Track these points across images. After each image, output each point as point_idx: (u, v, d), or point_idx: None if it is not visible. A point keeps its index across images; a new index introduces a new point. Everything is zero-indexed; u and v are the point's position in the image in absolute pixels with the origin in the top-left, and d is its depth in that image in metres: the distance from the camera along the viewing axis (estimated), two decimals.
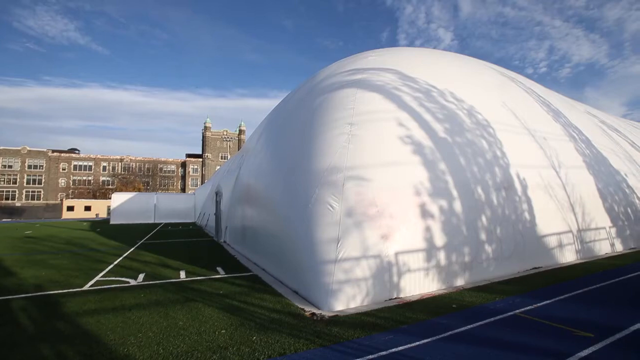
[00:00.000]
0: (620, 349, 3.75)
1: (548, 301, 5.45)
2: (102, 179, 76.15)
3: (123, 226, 26.62)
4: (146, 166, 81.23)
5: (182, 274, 8.12)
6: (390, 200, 5.97)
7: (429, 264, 5.99)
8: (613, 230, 10.33)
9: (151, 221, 31.71)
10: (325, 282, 5.34)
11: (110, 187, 72.59)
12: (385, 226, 5.73)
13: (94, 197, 65.37)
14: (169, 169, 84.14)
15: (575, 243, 9.00)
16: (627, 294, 5.91)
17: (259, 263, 8.89)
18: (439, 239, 6.20)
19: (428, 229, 6.11)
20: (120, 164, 78.79)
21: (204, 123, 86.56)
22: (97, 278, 7.76)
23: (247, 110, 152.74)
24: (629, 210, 11.47)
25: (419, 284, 5.83)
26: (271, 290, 6.48)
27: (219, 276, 7.96)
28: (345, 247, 5.45)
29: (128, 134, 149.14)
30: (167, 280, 7.50)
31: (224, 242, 14.51)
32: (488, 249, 6.96)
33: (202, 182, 74.30)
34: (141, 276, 7.90)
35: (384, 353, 3.70)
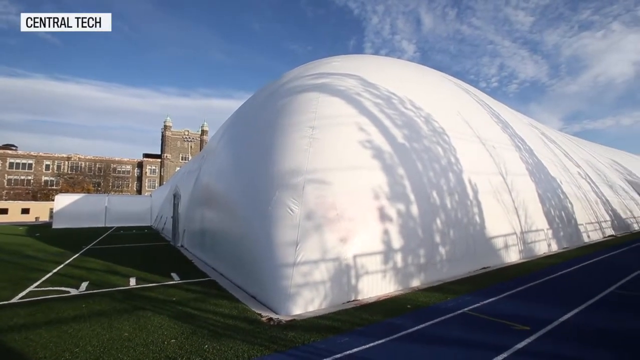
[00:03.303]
0: (551, 338, 4.11)
1: (493, 298, 5.83)
2: (44, 178, 69.36)
3: (68, 231, 24.39)
4: (97, 166, 75.40)
5: (132, 281, 7.59)
6: (349, 204, 6.06)
7: (386, 266, 6.15)
8: (550, 232, 11.36)
9: (101, 225, 29.40)
10: (283, 286, 5.27)
11: (54, 187, 66.25)
12: (344, 229, 5.80)
13: (34, 198, 59.26)
14: (123, 170, 78.82)
15: (519, 244, 9.76)
16: (558, 290, 6.51)
17: (218, 268, 8.58)
18: (396, 242, 6.40)
19: (386, 232, 6.29)
20: (67, 163, 72.34)
21: (164, 122, 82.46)
22: (30, 289, 6.99)
23: (212, 110, 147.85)
24: (563, 213, 12.71)
25: (376, 286, 5.96)
26: (228, 296, 6.27)
27: (173, 282, 7.55)
28: (304, 250, 5.43)
29: (79, 130, 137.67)
30: (115, 289, 6.96)
31: (182, 246, 13.84)
32: (442, 250, 7.31)
33: (161, 184, 70.50)
34: (84, 285, 7.25)
35: (338, 356, 3.71)
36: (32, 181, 68.12)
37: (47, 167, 70.42)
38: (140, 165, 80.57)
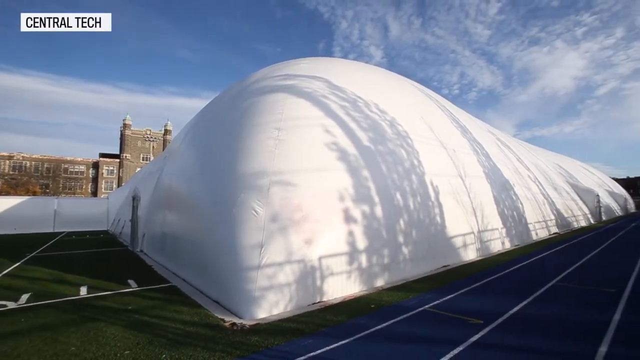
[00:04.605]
0: (501, 330, 4.39)
1: (451, 295, 6.12)
2: None
3: (7, 237, 22.12)
4: (46, 166, 69.22)
5: (83, 290, 7.04)
6: (315, 205, 6.08)
7: (351, 267, 6.24)
8: (504, 231, 12.18)
9: (50, 230, 26.98)
10: (247, 290, 5.16)
11: None
12: (309, 231, 5.80)
13: None
14: (76, 170, 73.10)
15: (476, 242, 10.35)
16: (509, 284, 6.98)
17: (179, 273, 8.21)
18: (361, 243, 6.51)
19: (351, 233, 6.38)
20: (8, 162, 65.68)
21: (124, 120, 77.70)
22: None
23: (177, 109, 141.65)
24: (515, 213, 13.68)
25: (341, 287, 6.02)
26: (190, 302, 6.01)
27: (130, 290, 7.11)
28: (269, 252, 5.36)
29: (24, 127, 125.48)
30: (62, 299, 6.41)
31: (141, 251, 13.09)
32: (405, 250, 7.56)
33: (119, 186, 66.30)
34: (25, 297, 6.60)
35: (302, 358, 3.69)
36: None
37: None
38: (96, 165, 75.19)
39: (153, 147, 78.23)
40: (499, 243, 11.65)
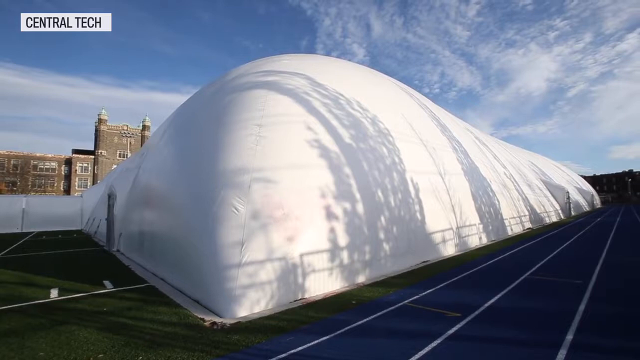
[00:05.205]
0: (478, 322, 4.55)
1: (431, 290, 6.27)
2: None
3: None
4: (12, 162, 65.55)
5: (54, 293, 6.74)
6: (297, 203, 6.06)
7: (332, 264, 6.28)
8: (481, 227, 12.59)
9: (17, 230, 25.64)
10: (228, 288, 5.09)
11: None
12: (291, 228, 5.78)
13: None
14: (47, 167, 69.65)
15: (455, 238, 10.65)
16: (485, 278, 7.23)
17: (158, 273, 8.00)
18: (343, 239, 6.56)
19: (332, 230, 6.41)
20: None
21: (99, 115, 74.60)
22: None
23: (156, 105, 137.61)
24: (492, 209, 14.17)
25: (323, 284, 6.05)
26: (168, 302, 5.88)
27: (106, 291, 6.87)
28: (250, 250, 5.30)
29: None
30: (30, 303, 6.10)
31: (117, 251, 12.66)
32: (386, 246, 7.68)
33: (94, 183, 63.75)
34: None
35: (282, 355, 3.69)
36: None
37: None
38: (68, 162, 71.92)
39: (130, 143, 75.58)
40: (477, 238, 12.03)
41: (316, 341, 4.06)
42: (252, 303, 5.14)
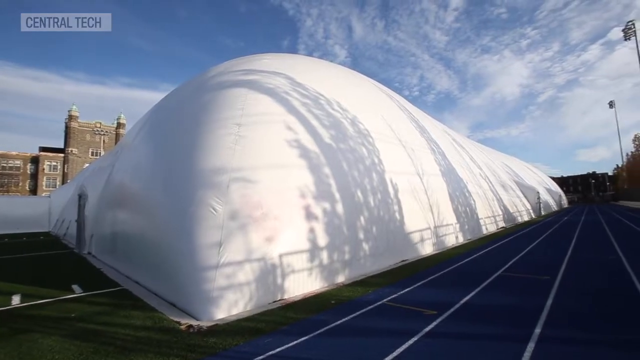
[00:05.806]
0: (453, 319, 4.67)
1: (409, 288, 6.39)
2: None
3: None
4: None
5: (16, 299, 6.35)
6: (276, 203, 6.01)
7: (312, 264, 6.26)
8: (457, 226, 12.96)
9: None
10: (205, 290, 4.98)
11: None
12: (270, 228, 5.73)
13: None
14: (11, 165, 65.63)
15: (433, 237, 10.91)
16: (461, 276, 7.45)
17: (132, 275, 7.71)
18: (322, 239, 6.56)
19: (312, 230, 6.40)
20: None
21: (69, 111, 71.04)
22: None
23: (132, 102, 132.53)
24: (468, 209, 14.63)
25: (302, 284, 6.02)
26: (142, 305, 5.67)
27: (74, 296, 6.55)
28: (228, 251, 5.20)
29: None
30: None
31: (89, 253, 12.09)
32: (365, 246, 7.75)
33: (64, 182, 60.65)
34: None
35: (260, 357, 3.64)
36: None
37: None
38: (35, 160, 68.08)
39: (104, 141, 72.44)
40: (454, 237, 12.38)
41: (295, 342, 4.03)
42: (230, 305, 5.04)
